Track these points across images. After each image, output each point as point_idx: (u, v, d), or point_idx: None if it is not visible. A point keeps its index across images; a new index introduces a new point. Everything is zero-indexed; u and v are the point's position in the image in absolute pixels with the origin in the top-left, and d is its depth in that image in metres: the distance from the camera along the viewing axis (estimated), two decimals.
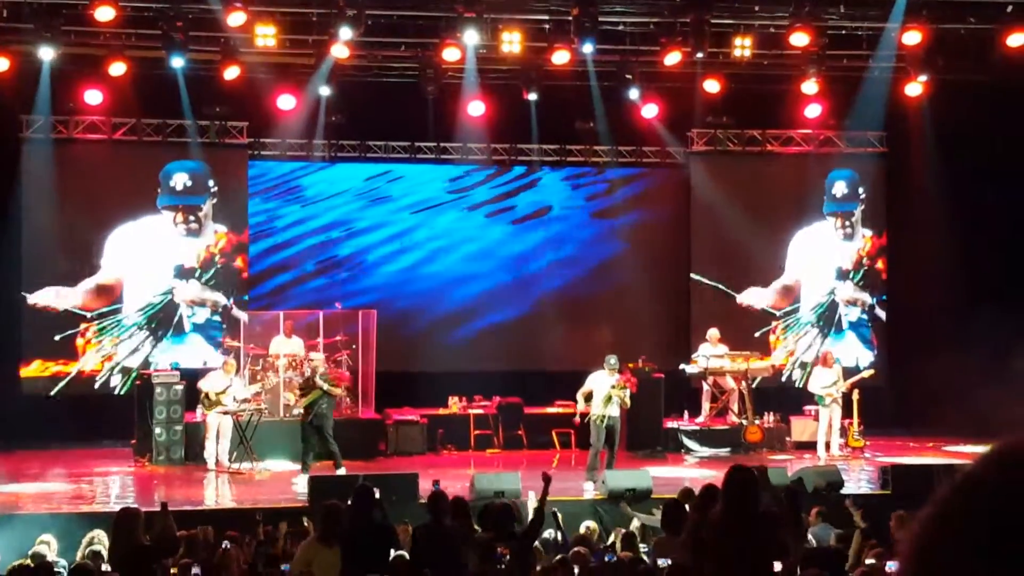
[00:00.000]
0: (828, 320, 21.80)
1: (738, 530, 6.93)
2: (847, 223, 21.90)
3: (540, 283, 21.80)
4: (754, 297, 21.57)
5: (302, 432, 16.15)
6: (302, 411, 16.20)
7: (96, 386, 19.57)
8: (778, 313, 21.61)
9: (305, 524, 10.50)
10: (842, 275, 21.89)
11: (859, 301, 21.90)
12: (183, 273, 20.05)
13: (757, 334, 21.17)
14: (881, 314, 21.91)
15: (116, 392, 19.59)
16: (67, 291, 19.52)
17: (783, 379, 21.22)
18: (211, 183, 20.20)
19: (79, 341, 19.53)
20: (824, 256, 21.82)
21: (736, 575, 6.96)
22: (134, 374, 19.23)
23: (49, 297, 19.41)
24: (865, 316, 21.90)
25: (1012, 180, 19.63)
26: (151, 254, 19.92)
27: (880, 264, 21.99)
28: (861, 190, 21.88)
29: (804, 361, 21.28)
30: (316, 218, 21.43)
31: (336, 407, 16.95)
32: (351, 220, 21.50)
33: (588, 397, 15.35)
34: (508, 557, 8.35)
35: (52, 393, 19.25)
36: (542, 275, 21.83)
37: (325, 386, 15.94)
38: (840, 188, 21.88)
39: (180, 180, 20.14)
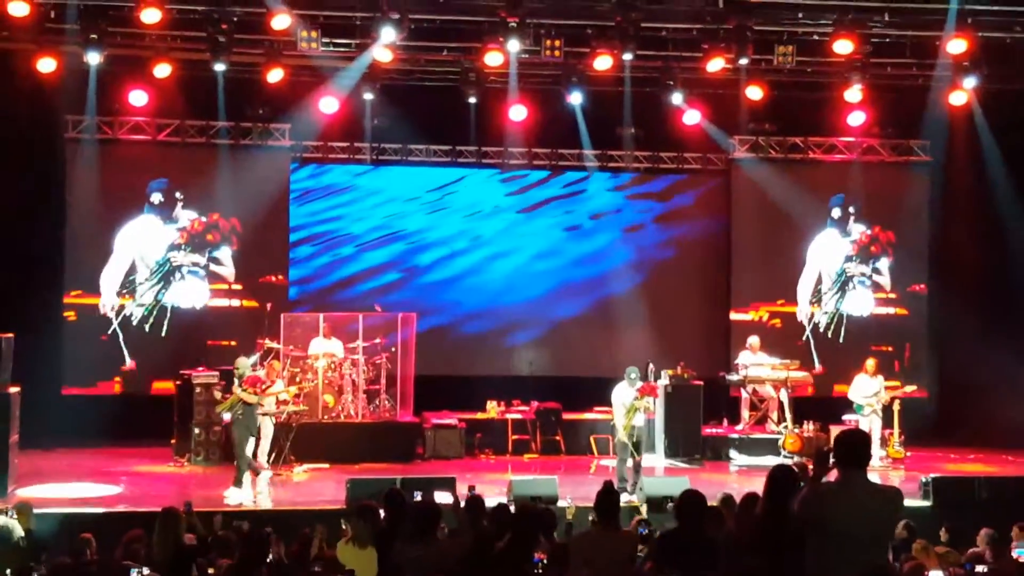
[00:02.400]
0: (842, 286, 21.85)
1: (777, 525, 6.99)
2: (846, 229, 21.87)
3: (580, 289, 21.77)
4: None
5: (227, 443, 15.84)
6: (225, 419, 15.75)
7: (118, 319, 20.00)
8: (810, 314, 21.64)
9: (343, 527, 10.49)
10: (848, 259, 21.88)
11: (861, 272, 21.84)
12: (172, 247, 20.31)
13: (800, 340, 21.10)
14: (884, 280, 21.85)
15: (134, 323, 20.06)
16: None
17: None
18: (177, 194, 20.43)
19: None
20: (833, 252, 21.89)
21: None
22: (147, 308, 20.08)
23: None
24: (867, 278, 21.83)
25: None
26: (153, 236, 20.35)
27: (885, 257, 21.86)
28: (851, 209, 21.82)
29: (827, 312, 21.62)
30: (359, 221, 21.49)
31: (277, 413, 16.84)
32: (393, 224, 21.56)
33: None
34: (545, 562, 8.30)
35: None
36: (582, 281, 21.80)
37: (242, 394, 15.29)
38: (836, 212, 21.86)
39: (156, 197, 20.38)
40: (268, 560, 8.47)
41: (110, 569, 9.02)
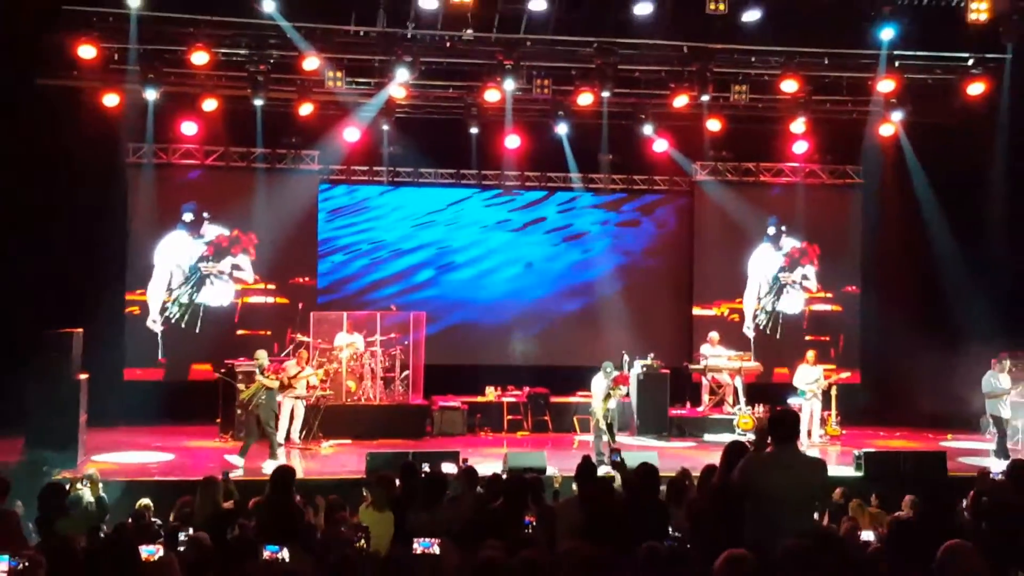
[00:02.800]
0: (777, 291, 21.93)
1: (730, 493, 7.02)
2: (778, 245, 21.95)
3: (566, 291, 21.81)
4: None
5: (246, 423, 15.71)
6: (245, 402, 15.62)
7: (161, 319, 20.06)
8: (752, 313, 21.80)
9: (364, 494, 10.56)
10: (781, 269, 21.96)
11: (792, 280, 21.92)
12: (201, 258, 20.30)
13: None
14: (811, 284, 21.97)
15: (173, 320, 20.07)
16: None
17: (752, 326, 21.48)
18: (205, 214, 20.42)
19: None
20: (768, 263, 21.98)
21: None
22: (183, 308, 20.11)
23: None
24: (797, 284, 21.91)
25: (966, 202, 19.56)
26: (185, 249, 20.37)
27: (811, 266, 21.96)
28: (783, 228, 21.88)
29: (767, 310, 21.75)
30: (380, 235, 21.50)
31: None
32: (408, 238, 21.56)
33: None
34: (535, 523, 8.37)
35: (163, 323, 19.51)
36: (568, 284, 21.84)
37: (264, 380, 15.30)
38: (771, 230, 21.92)
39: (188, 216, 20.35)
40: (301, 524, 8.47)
41: (162, 531, 9.08)
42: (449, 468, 11.36)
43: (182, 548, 7.49)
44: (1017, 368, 17.52)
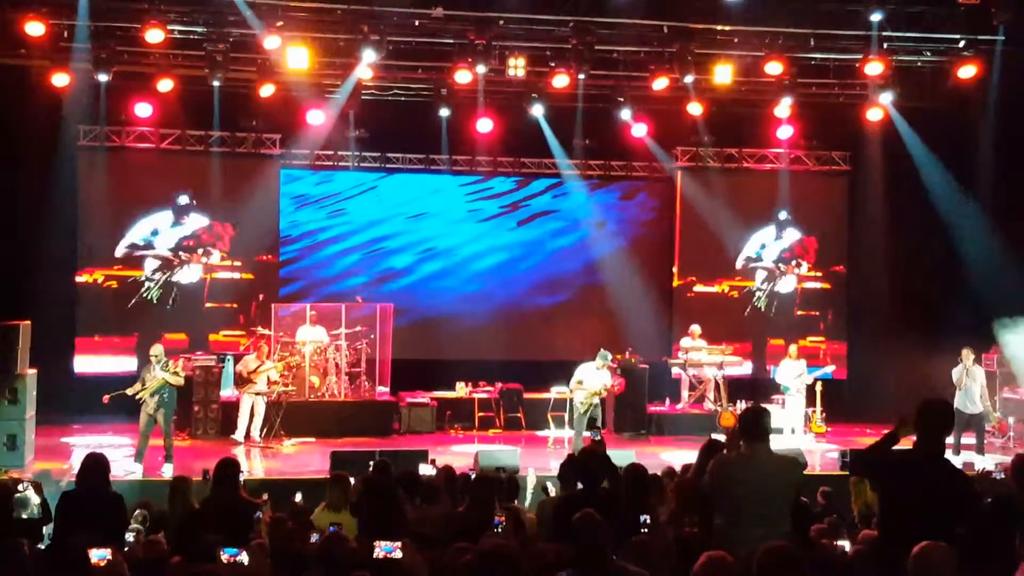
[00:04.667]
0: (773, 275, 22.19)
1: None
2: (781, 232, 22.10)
3: (541, 282, 21.75)
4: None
5: (144, 424, 14.52)
6: (146, 402, 14.45)
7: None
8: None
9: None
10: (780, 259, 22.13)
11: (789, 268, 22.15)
12: (180, 246, 20.38)
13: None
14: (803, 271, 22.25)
15: (147, 297, 20.09)
16: None
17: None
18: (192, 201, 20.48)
19: None
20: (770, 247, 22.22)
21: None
22: (158, 285, 20.14)
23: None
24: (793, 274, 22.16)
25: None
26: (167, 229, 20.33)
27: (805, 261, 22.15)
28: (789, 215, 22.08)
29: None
30: (343, 224, 21.39)
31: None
32: (374, 226, 21.45)
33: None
34: (505, 523, 8.32)
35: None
36: (543, 276, 21.78)
37: (168, 376, 14.37)
38: (782, 215, 22.06)
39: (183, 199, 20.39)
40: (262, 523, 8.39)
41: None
42: (426, 470, 11.28)
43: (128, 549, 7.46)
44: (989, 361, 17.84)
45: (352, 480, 9.33)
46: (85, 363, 19.54)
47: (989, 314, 18.02)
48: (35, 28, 16.12)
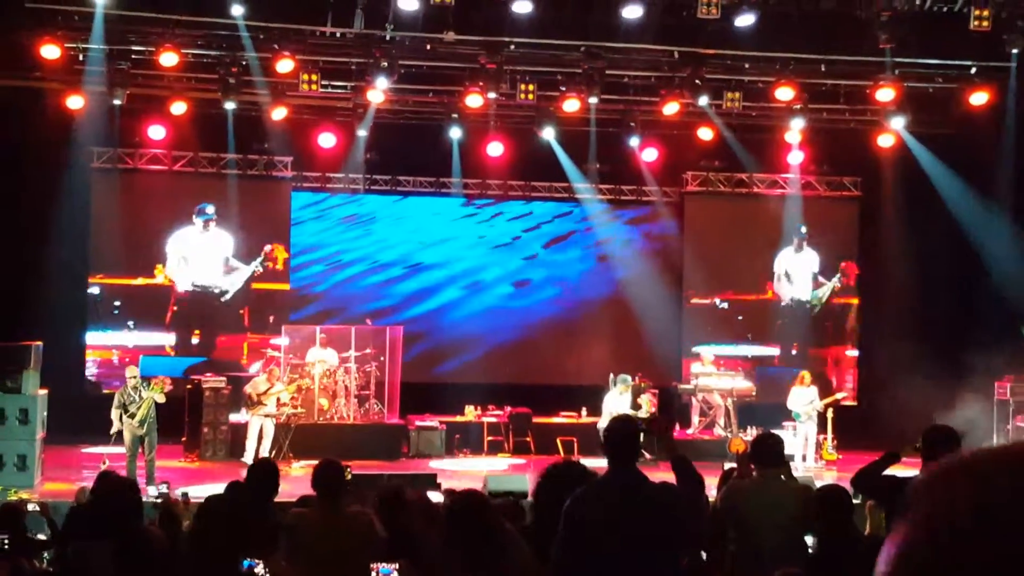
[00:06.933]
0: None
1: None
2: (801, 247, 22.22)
3: (550, 306, 21.85)
4: None
5: (131, 446, 14.33)
6: (137, 425, 14.22)
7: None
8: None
9: None
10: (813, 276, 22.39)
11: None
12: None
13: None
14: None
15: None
16: None
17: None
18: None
19: None
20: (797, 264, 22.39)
21: None
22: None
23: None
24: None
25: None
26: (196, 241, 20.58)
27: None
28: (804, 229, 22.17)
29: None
30: (354, 249, 21.55)
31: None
32: (386, 250, 21.59)
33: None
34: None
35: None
36: (553, 300, 21.88)
37: (155, 395, 14.24)
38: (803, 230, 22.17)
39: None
40: None
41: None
42: (436, 496, 11.28)
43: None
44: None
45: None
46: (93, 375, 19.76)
47: (1012, 338, 18.02)
48: (51, 51, 16.35)
